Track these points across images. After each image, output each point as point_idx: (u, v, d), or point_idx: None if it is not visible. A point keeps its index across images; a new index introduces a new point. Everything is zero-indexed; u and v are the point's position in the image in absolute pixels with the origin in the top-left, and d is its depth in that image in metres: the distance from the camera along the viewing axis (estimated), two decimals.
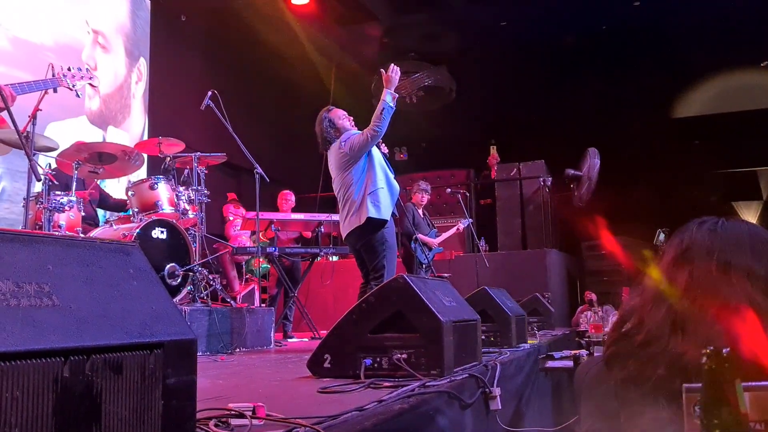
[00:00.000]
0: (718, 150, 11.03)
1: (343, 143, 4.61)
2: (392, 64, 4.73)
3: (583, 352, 4.56)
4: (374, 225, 4.49)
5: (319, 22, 9.79)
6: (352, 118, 4.85)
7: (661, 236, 7.29)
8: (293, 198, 7.41)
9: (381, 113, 4.54)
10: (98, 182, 5.83)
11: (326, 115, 4.81)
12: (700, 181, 10.81)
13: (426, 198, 7.37)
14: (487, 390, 2.62)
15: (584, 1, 9.83)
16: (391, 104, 4.58)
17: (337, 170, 4.67)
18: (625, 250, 10.06)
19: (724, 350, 0.76)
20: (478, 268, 7.70)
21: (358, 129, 4.78)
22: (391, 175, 4.73)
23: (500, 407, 2.65)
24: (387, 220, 4.57)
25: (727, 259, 1.05)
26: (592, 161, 9.18)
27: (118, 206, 5.73)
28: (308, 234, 7.05)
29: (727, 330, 0.93)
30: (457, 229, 7.67)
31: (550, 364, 4.28)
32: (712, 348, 0.77)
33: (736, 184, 11.53)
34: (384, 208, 4.54)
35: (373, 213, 4.47)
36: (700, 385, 0.79)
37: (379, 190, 4.54)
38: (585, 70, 10.99)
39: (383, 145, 4.94)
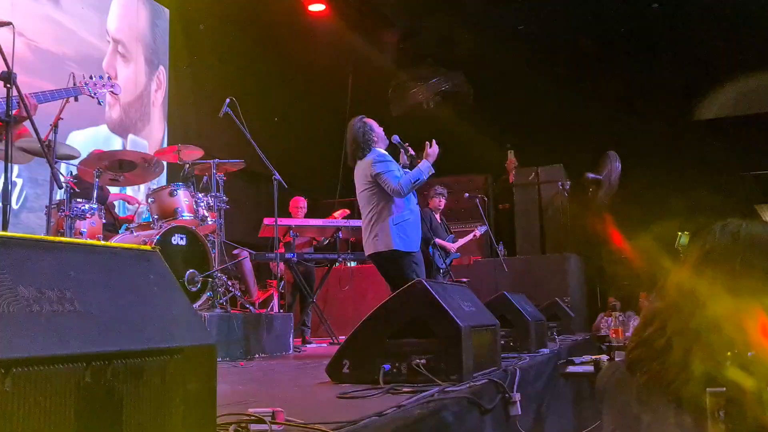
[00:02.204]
0: (740, 152, 10.88)
1: (375, 165, 4.45)
2: (434, 141, 4.67)
3: (604, 357, 4.52)
4: (400, 254, 4.40)
5: (335, 29, 9.82)
6: (381, 128, 4.71)
7: (682, 239, 7.20)
8: (305, 204, 7.39)
9: (415, 182, 4.41)
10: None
11: (363, 120, 4.65)
12: (721, 183, 10.66)
13: (443, 202, 7.35)
14: (506, 395, 2.60)
15: (602, 3, 9.77)
16: (425, 176, 4.46)
17: (362, 185, 4.56)
18: (642, 254, 9.96)
19: (748, 354, 0.75)
20: (497, 273, 7.66)
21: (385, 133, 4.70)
22: (416, 207, 4.62)
23: (520, 413, 2.63)
24: (415, 251, 4.46)
25: (750, 262, 1.03)
26: (613, 165, 9.10)
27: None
28: (320, 238, 7.05)
29: (750, 334, 0.91)
30: (474, 235, 7.64)
31: (570, 369, 4.24)
32: (735, 351, 0.75)
33: (759, 186, 11.37)
34: (413, 241, 4.44)
35: (399, 245, 4.37)
36: (723, 389, 0.77)
37: (405, 223, 4.42)
38: (603, 73, 10.90)
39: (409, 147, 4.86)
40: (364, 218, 4.57)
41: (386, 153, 4.61)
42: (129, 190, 6.84)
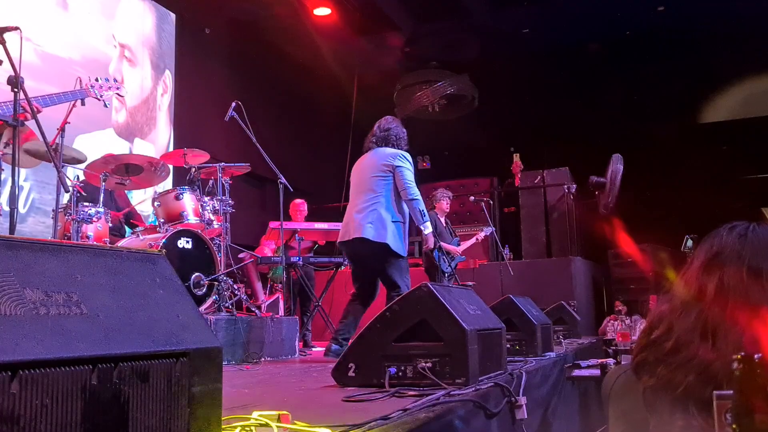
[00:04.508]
0: (746, 155, 10.86)
1: (400, 159, 4.46)
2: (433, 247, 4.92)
3: (611, 360, 4.50)
4: (390, 252, 4.37)
5: (340, 33, 9.85)
6: None
7: (689, 243, 7.18)
8: (305, 207, 7.36)
9: (417, 212, 4.43)
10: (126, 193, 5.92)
11: (399, 123, 4.74)
12: (727, 187, 10.64)
13: (449, 205, 7.35)
14: (512, 399, 2.59)
15: (608, 7, 9.76)
16: (423, 225, 4.50)
17: (375, 170, 4.51)
18: (649, 257, 9.93)
19: (755, 356, 0.74)
20: (503, 276, 7.64)
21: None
22: (408, 215, 4.63)
23: (526, 416, 2.62)
24: (404, 256, 4.45)
25: (758, 265, 1.03)
26: (615, 167, 9.07)
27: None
28: (323, 242, 7.05)
29: (758, 336, 0.91)
30: (477, 239, 7.63)
31: (576, 372, 4.23)
32: (743, 354, 0.75)
33: (764, 189, 11.33)
34: (403, 246, 4.44)
35: (392, 244, 4.34)
36: (731, 392, 0.77)
37: (399, 225, 4.42)
38: (609, 76, 10.89)
39: None
40: (362, 201, 4.47)
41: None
42: (135, 194, 6.85)
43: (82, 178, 5.13)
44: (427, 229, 4.46)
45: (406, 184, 4.44)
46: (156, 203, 5.24)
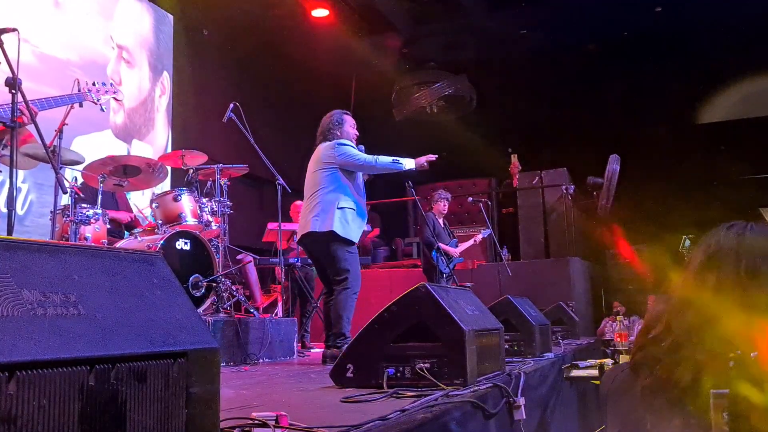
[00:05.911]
0: (744, 155, 10.87)
1: (337, 147, 4.45)
2: (433, 157, 4.78)
3: (609, 361, 4.50)
4: (337, 238, 4.29)
5: (338, 34, 9.85)
6: (358, 134, 4.72)
7: (687, 242, 7.18)
8: None
9: (388, 164, 4.44)
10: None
11: (340, 114, 4.71)
12: (726, 187, 10.64)
13: (447, 207, 7.35)
14: (511, 399, 2.59)
15: (605, 7, 9.77)
16: (401, 168, 4.48)
17: (317, 165, 4.52)
18: (646, 258, 9.94)
19: (752, 355, 0.74)
20: (501, 276, 7.64)
21: (369, 148, 4.68)
22: (364, 204, 4.56)
23: (524, 417, 2.62)
24: (352, 241, 4.37)
25: (755, 264, 1.03)
26: (611, 167, 9.08)
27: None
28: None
29: (754, 335, 0.91)
30: (474, 240, 7.63)
31: (575, 373, 4.23)
32: (740, 353, 0.75)
33: (762, 189, 11.35)
34: (352, 230, 4.34)
35: (338, 229, 4.26)
36: (727, 391, 0.77)
37: (347, 210, 4.35)
38: (607, 77, 10.90)
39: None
40: (309, 198, 4.47)
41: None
42: (133, 196, 6.85)
43: (80, 179, 5.13)
44: (408, 163, 4.47)
45: (358, 161, 4.42)
46: (154, 204, 5.24)
